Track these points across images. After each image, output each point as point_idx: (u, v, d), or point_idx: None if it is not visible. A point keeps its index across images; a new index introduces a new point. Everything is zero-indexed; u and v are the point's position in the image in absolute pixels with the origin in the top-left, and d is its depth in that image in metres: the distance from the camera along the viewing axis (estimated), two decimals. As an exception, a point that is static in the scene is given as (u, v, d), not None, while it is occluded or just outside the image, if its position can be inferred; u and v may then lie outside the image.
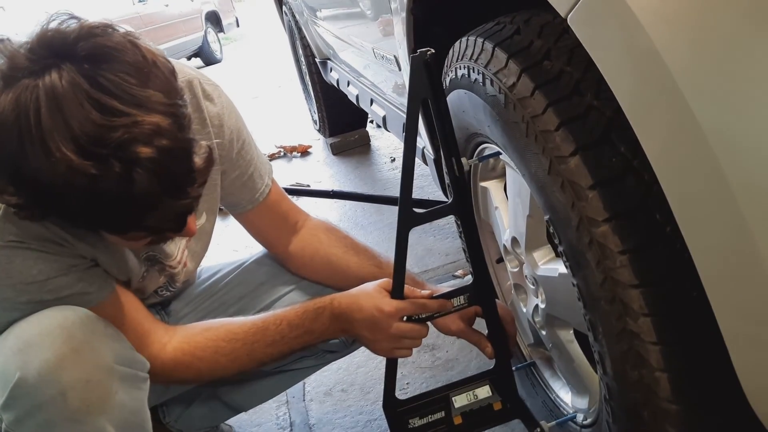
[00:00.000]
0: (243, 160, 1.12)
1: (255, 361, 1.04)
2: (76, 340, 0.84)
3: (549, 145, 0.74)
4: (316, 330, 1.03)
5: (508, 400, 1.09)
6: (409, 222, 0.97)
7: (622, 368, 0.74)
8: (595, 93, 0.72)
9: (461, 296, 1.03)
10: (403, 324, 1.01)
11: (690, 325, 0.68)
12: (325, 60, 2.98)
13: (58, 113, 0.70)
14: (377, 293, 1.02)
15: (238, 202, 1.16)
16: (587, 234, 0.71)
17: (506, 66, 0.81)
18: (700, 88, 0.53)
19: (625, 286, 0.69)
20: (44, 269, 0.87)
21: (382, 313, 1.00)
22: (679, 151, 0.57)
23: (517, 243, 1.05)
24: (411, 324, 1.02)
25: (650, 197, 0.67)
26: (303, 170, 3.28)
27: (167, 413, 1.28)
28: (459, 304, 1.03)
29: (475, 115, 0.94)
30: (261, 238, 1.24)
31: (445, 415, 1.08)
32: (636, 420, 0.76)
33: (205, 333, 1.04)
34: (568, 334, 1.02)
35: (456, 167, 0.96)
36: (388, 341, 1.02)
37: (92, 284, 0.93)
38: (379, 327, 1.01)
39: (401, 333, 1.01)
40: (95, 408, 0.84)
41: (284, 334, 1.03)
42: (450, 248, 2.11)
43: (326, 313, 1.03)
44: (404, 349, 1.04)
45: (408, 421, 1.08)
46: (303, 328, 1.03)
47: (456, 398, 1.09)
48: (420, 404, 1.09)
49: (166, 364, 1.00)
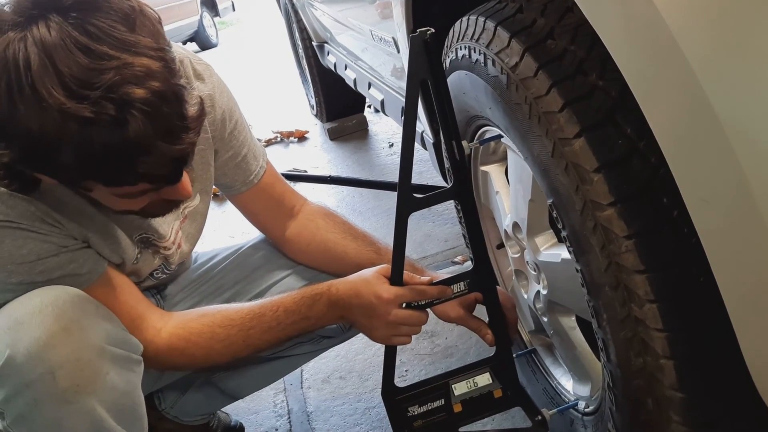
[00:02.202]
0: (236, 140, 1.11)
1: (251, 347, 1.03)
2: (66, 319, 0.83)
3: (552, 127, 0.72)
4: (312, 316, 1.02)
5: (508, 387, 1.08)
6: (408, 206, 0.95)
7: (626, 355, 0.73)
8: (600, 72, 0.70)
9: (461, 282, 1.01)
10: (401, 311, 1.00)
11: (696, 312, 0.67)
12: (322, 43, 2.94)
13: (47, 61, 0.69)
14: (375, 279, 1.00)
15: (232, 183, 1.15)
16: (591, 218, 0.69)
17: (508, 45, 0.79)
18: (714, 67, 0.51)
19: (630, 272, 0.68)
20: (34, 249, 0.87)
21: (380, 300, 0.98)
22: (690, 133, 0.55)
23: (518, 228, 1.03)
24: (410, 311, 1.01)
25: (657, 180, 0.66)
26: (300, 155, 3.26)
27: (162, 399, 1.27)
28: (459, 290, 1.02)
29: (476, 96, 0.92)
30: (257, 222, 1.23)
31: (444, 403, 1.07)
32: (640, 407, 0.74)
33: (200, 319, 1.03)
34: (570, 320, 1.01)
35: (456, 151, 0.94)
36: (386, 328, 1.00)
37: (83, 265, 0.92)
38: (377, 314, 0.99)
39: (400, 320, 1.00)
40: (85, 388, 0.82)
41: (281, 320, 1.01)
42: (449, 234, 2.10)
43: (323, 300, 1.02)
44: (403, 336, 1.03)
45: (407, 408, 1.07)
46: (299, 314, 1.01)
47: (456, 386, 1.07)
48: (419, 392, 1.08)
49: (160, 349, 0.99)
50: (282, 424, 1.46)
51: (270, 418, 1.48)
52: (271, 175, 1.18)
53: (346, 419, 1.43)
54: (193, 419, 1.30)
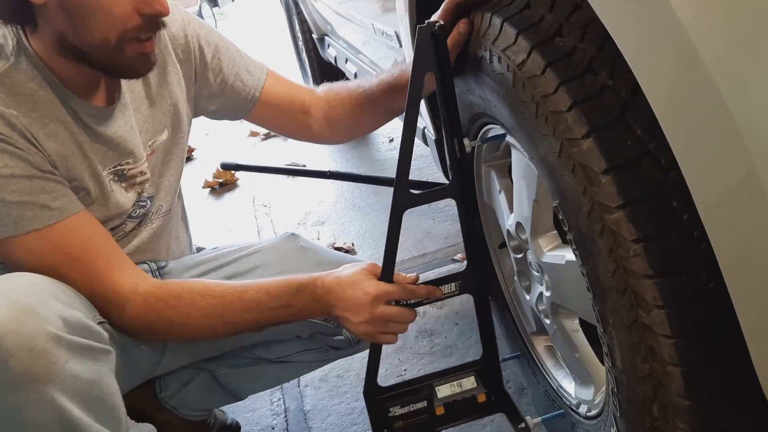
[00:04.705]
0: (222, 62, 1.15)
1: (228, 325, 1.01)
2: (19, 307, 0.82)
3: (560, 127, 0.70)
4: (295, 305, 1.00)
5: (493, 392, 1.05)
6: (404, 202, 0.93)
7: (632, 361, 0.72)
8: (609, 72, 0.68)
9: (452, 283, 0.99)
10: (389, 307, 0.98)
11: (705, 318, 0.65)
12: (322, 36, 2.92)
13: None
14: (363, 275, 0.99)
15: (236, 105, 1.18)
16: (599, 221, 0.68)
17: (515, 42, 0.77)
18: (730, 67, 0.50)
19: (638, 277, 0.66)
20: (9, 164, 0.88)
21: (367, 296, 0.97)
22: (704, 135, 0.53)
23: (521, 228, 1.01)
24: (398, 307, 0.99)
25: (667, 183, 0.64)
26: (299, 149, 3.23)
27: (164, 388, 1.26)
28: (449, 291, 1.00)
29: (481, 94, 0.90)
30: (281, 131, 1.27)
31: (427, 405, 1.05)
32: (645, 414, 0.73)
33: (181, 284, 1.02)
34: (574, 323, 0.99)
35: (457, 148, 0.92)
36: (372, 324, 0.98)
37: (55, 199, 0.92)
38: (363, 309, 0.97)
39: (387, 316, 0.98)
40: (40, 377, 0.81)
41: (261, 302, 1.00)
42: (449, 231, 2.08)
43: (308, 290, 1.00)
44: (389, 334, 1.01)
45: (389, 409, 1.05)
46: (282, 300, 1.00)
47: (439, 388, 1.05)
48: (402, 392, 1.05)
49: (138, 307, 0.97)
50: (279, 423, 1.45)
51: (266, 417, 1.47)
52: (274, 84, 1.19)
53: (343, 418, 1.41)
54: (191, 413, 1.29)
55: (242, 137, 3.47)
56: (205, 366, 1.25)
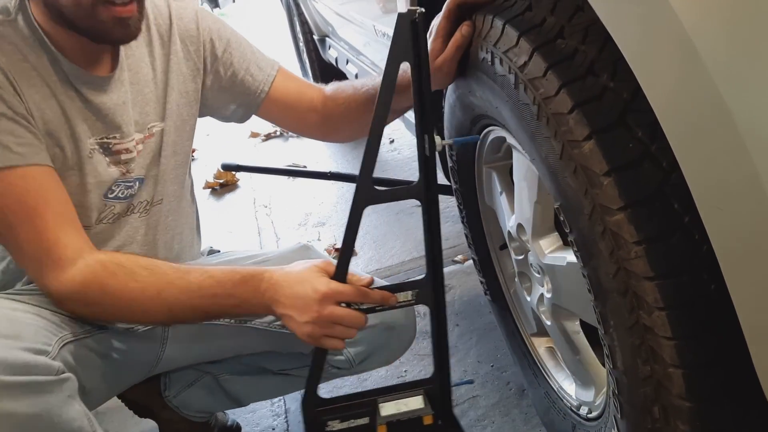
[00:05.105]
0: (233, 57, 1.16)
1: (163, 303, 0.95)
2: None
3: (561, 129, 0.70)
4: (236, 295, 0.95)
5: (440, 415, 0.98)
6: (366, 198, 0.87)
7: (633, 363, 0.72)
8: (611, 74, 0.69)
9: (409, 292, 0.94)
10: (339, 308, 0.92)
11: (706, 320, 0.66)
12: (323, 37, 2.92)
13: None
14: (315, 272, 0.93)
15: (246, 100, 1.18)
16: (600, 223, 0.68)
17: (517, 44, 0.77)
18: (731, 69, 0.50)
19: (640, 278, 0.66)
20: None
21: (317, 293, 0.91)
22: (705, 137, 0.54)
23: (522, 230, 1.01)
24: (348, 310, 0.93)
25: (668, 185, 0.64)
26: (300, 150, 3.24)
27: (168, 386, 1.26)
28: (405, 300, 0.94)
29: (482, 95, 0.90)
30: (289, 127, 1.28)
31: (369, 422, 0.98)
32: (646, 416, 0.73)
33: (127, 255, 1.00)
34: (574, 324, 0.99)
35: (428, 145, 0.86)
36: (318, 325, 0.92)
37: (20, 145, 0.91)
38: (310, 308, 0.91)
39: (335, 318, 0.92)
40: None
41: (203, 286, 0.95)
42: (449, 233, 2.08)
43: (253, 282, 0.95)
44: (335, 339, 0.94)
45: (327, 423, 0.98)
46: (224, 287, 0.95)
47: (384, 405, 0.98)
48: (343, 406, 0.98)
49: (78, 269, 0.93)
50: (279, 424, 1.45)
51: (267, 418, 1.47)
52: (283, 81, 1.20)
53: (344, 419, 1.42)
54: (193, 414, 1.29)
55: (243, 138, 3.47)
56: (209, 369, 1.25)
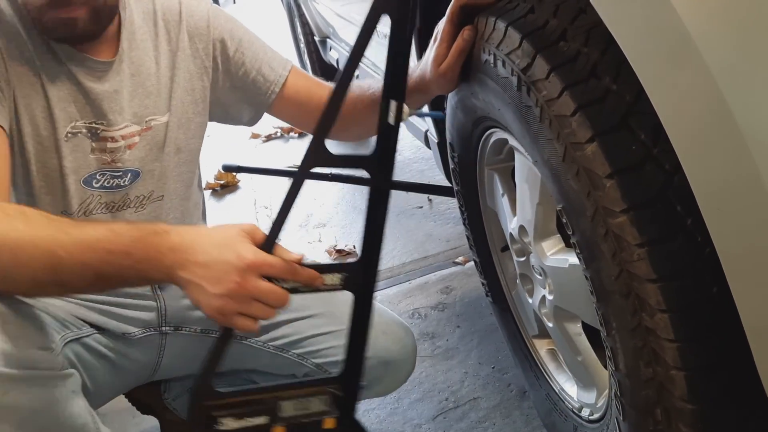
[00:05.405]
0: (245, 57, 1.16)
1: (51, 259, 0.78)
2: None
3: (564, 131, 0.70)
4: (134, 254, 0.79)
5: (344, 419, 0.89)
6: (317, 158, 0.79)
7: (635, 365, 0.72)
8: (613, 76, 0.69)
9: (337, 274, 0.82)
10: (264, 282, 0.78)
11: (709, 322, 0.66)
12: (324, 39, 2.92)
13: None
14: (240, 237, 0.80)
15: (257, 100, 1.19)
16: (603, 225, 0.68)
17: (519, 46, 0.77)
18: (735, 73, 0.50)
19: (642, 281, 0.66)
20: None
21: (242, 261, 0.77)
22: (709, 140, 0.54)
23: (524, 231, 1.02)
24: (273, 285, 0.79)
25: (671, 187, 0.64)
26: (300, 151, 3.23)
27: (168, 389, 1.26)
28: (331, 283, 0.83)
29: (485, 97, 0.90)
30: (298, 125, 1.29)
31: (267, 422, 0.88)
32: (648, 418, 0.73)
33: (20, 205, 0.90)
34: (576, 326, 0.99)
35: (393, 113, 0.77)
36: (234, 300, 0.78)
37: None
38: (229, 278, 0.77)
39: (258, 293, 0.78)
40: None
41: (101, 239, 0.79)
42: (451, 234, 2.08)
43: (155, 239, 0.80)
44: (249, 319, 0.80)
45: (217, 419, 0.86)
46: (121, 242, 0.79)
47: (284, 404, 0.88)
48: (240, 401, 0.87)
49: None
50: (280, 425, 1.45)
51: (268, 418, 1.47)
52: (294, 81, 1.20)
53: (345, 420, 1.41)
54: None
55: (244, 139, 3.47)
56: None
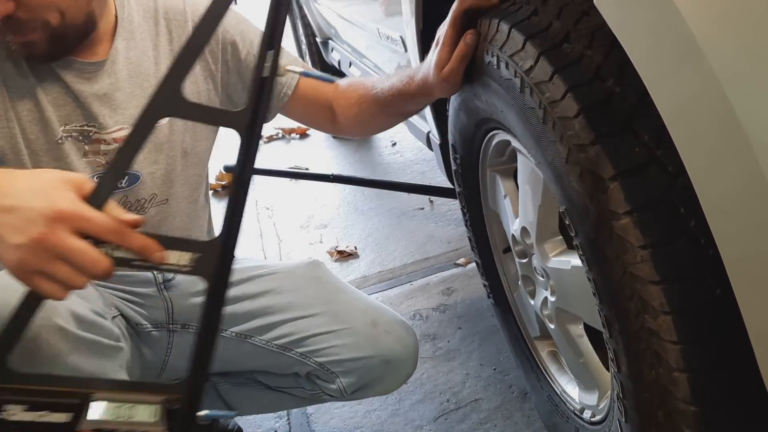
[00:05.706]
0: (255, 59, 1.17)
1: None
2: None
3: (567, 133, 0.70)
4: None
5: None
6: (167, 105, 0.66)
7: (638, 367, 0.72)
8: (617, 78, 0.69)
9: (187, 253, 0.67)
10: (75, 240, 0.65)
11: (712, 325, 0.66)
12: (326, 40, 2.92)
13: None
14: (61, 184, 0.67)
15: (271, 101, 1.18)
16: (606, 227, 0.68)
17: (523, 48, 0.77)
18: (740, 75, 0.50)
19: (645, 282, 0.66)
20: None
21: (51, 210, 0.64)
22: (713, 143, 0.54)
23: (526, 233, 1.02)
24: (87, 245, 0.65)
25: (674, 190, 0.64)
26: (302, 152, 3.24)
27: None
28: (176, 263, 0.68)
29: (487, 99, 0.90)
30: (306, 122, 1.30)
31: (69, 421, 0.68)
32: (650, 420, 0.73)
33: None
34: (578, 328, 0.99)
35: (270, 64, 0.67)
36: (36, 255, 0.64)
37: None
38: (34, 226, 0.64)
39: (63, 250, 0.64)
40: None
41: None
42: (452, 235, 2.08)
43: None
44: (53, 283, 0.66)
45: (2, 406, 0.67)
46: None
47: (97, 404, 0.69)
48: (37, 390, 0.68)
49: None
50: (281, 426, 1.45)
51: (269, 420, 1.47)
52: (304, 81, 1.20)
53: (346, 422, 1.41)
54: None
55: (245, 140, 3.47)
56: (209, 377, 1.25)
